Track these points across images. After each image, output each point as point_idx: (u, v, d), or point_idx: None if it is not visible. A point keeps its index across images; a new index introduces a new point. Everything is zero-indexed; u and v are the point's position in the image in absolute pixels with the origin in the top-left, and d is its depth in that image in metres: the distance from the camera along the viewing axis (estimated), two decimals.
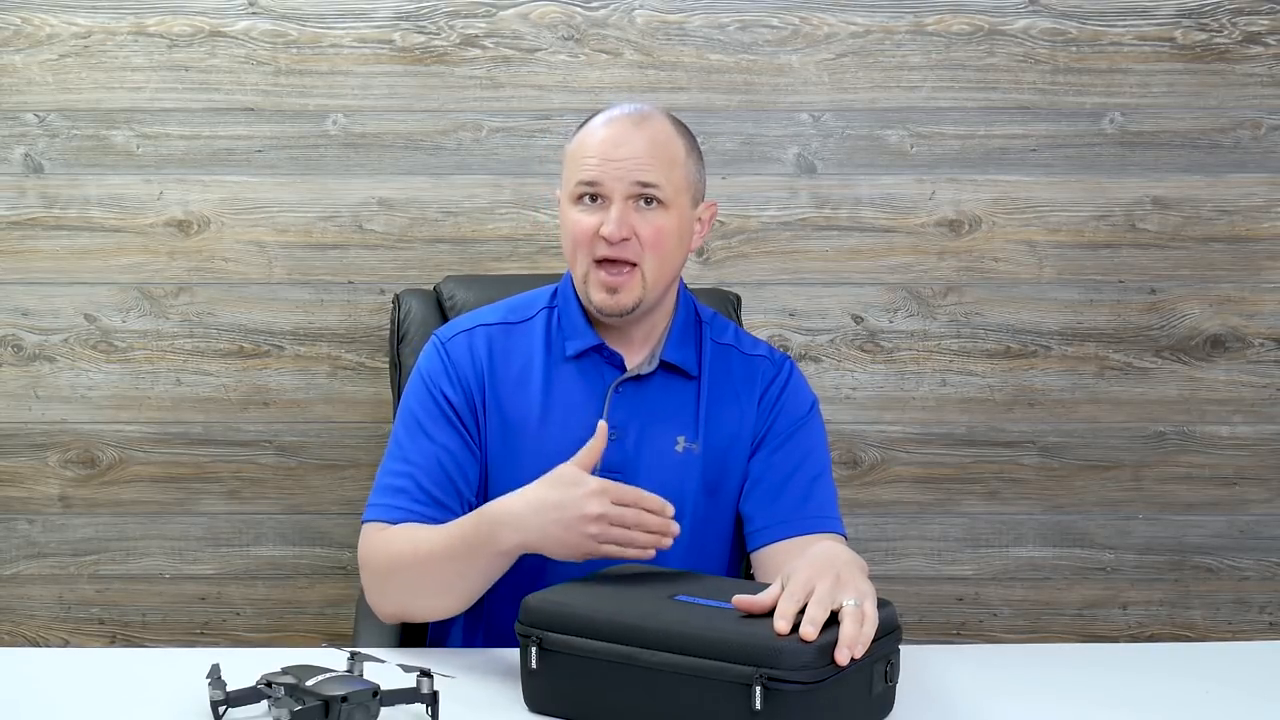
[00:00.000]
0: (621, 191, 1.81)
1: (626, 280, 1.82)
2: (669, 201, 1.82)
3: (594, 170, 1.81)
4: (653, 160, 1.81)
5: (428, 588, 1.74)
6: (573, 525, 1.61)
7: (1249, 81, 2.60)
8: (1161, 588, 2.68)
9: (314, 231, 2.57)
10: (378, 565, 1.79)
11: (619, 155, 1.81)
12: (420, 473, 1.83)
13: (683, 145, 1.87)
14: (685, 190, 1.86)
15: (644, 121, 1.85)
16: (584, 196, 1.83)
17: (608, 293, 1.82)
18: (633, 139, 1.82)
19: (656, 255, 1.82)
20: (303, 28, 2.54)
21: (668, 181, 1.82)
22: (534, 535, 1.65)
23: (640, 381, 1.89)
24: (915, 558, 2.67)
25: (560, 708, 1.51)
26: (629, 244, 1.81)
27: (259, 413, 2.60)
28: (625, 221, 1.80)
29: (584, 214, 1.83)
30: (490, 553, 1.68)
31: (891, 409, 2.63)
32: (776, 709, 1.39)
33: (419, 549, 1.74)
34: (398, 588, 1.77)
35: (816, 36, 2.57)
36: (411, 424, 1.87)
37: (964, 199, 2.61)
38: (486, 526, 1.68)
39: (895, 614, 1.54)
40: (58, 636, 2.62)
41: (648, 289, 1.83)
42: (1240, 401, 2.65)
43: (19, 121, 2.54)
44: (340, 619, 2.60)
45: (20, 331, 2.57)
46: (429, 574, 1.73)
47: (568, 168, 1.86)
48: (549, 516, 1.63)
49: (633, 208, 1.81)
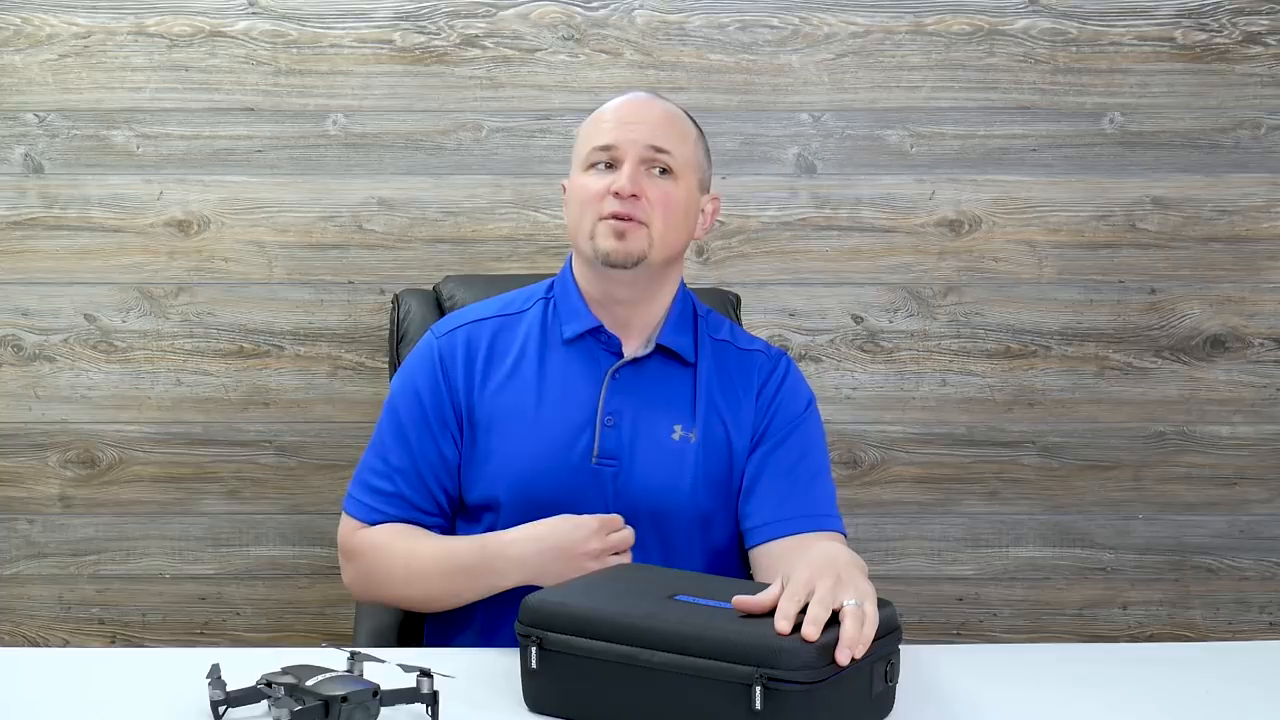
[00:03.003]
0: (635, 155, 1.84)
1: (634, 229, 1.83)
2: (679, 171, 1.86)
3: (609, 134, 1.85)
4: (667, 129, 1.87)
5: (415, 596, 1.86)
6: (574, 562, 1.73)
7: (1249, 81, 2.60)
8: (1161, 588, 2.68)
9: (314, 231, 2.57)
10: (364, 564, 1.88)
11: (634, 119, 1.86)
12: (399, 478, 1.89)
13: (693, 129, 1.92)
14: (693, 169, 1.89)
15: (658, 99, 1.92)
16: (598, 164, 1.85)
17: (616, 238, 1.83)
18: (648, 109, 1.89)
19: (664, 219, 1.84)
20: (303, 28, 2.54)
21: (679, 151, 1.86)
22: (532, 573, 1.75)
23: (637, 367, 1.89)
24: (915, 558, 2.67)
25: (560, 708, 1.50)
26: (639, 203, 1.83)
27: (259, 413, 2.60)
28: (637, 180, 1.83)
29: (596, 178, 1.85)
30: (488, 585, 1.79)
31: (891, 409, 2.63)
32: (776, 709, 1.39)
33: (411, 563, 1.84)
34: (386, 588, 1.87)
35: (816, 36, 2.57)
36: (395, 424, 1.91)
37: (964, 199, 2.61)
38: (489, 562, 1.78)
39: (895, 614, 1.54)
40: (58, 636, 2.62)
41: (654, 246, 1.84)
42: (1240, 401, 2.65)
43: (19, 121, 2.54)
44: (340, 619, 2.60)
45: (20, 331, 2.57)
46: (421, 585, 1.83)
47: (581, 141, 1.89)
48: (550, 558, 1.75)
49: (644, 172, 1.84)
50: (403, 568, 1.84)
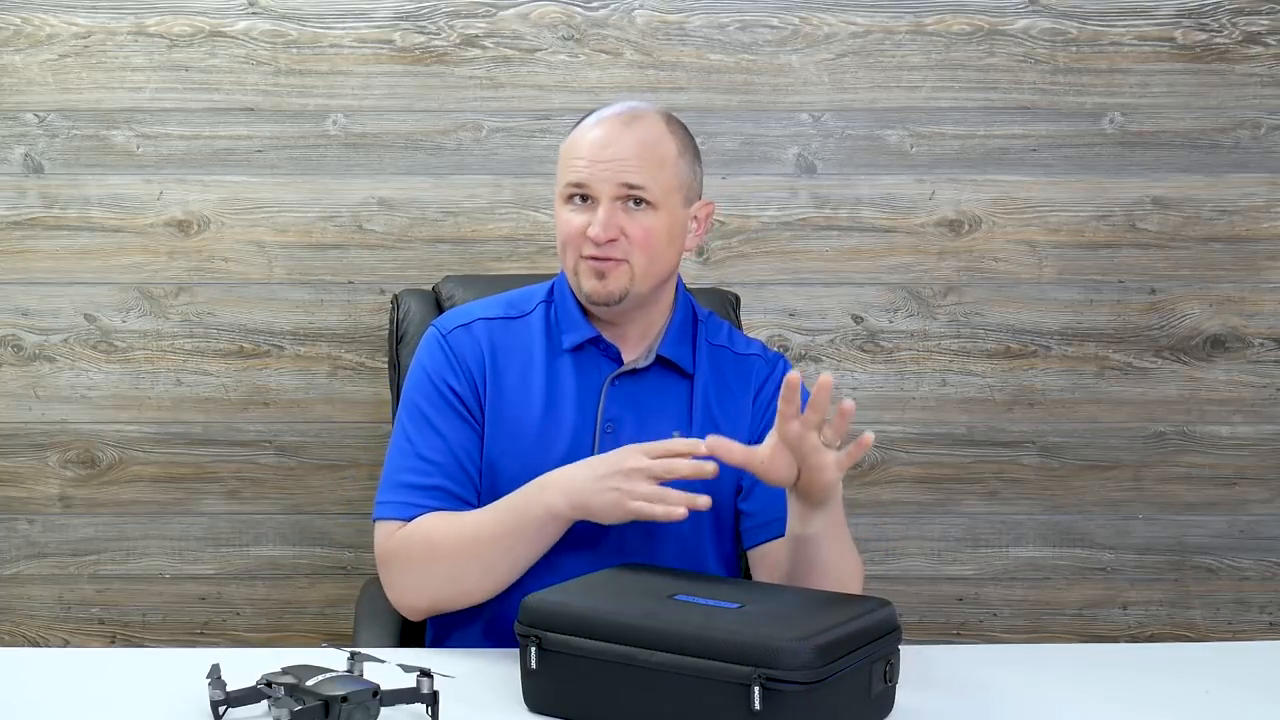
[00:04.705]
0: (609, 193, 1.81)
1: (614, 268, 1.83)
2: (657, 202, 1.83)
3: (582, 172, 1.83)
4: (640, 161, 1.82)
5: (473, 569, 1.77)
6: (609, 479, 1.69)
7: (1249, 81, 2.60)
8: (1161, 588, 2.68)
9: (314, 231, 2.57)
10: (412, 556, 1.80)
11: (605, 156, 1.82)
12: (434, 469, 1.84)
13: (674, 144, 1.86)
14: (676, 190, 1.86)
15: (634, 121, 1.85)
16: (574, 197, 1.84)
17: (596, 278, 1.83)
18: (620, 140, 1.83)
19: (645, 254, 1.83)
20: (303, 28, 2.54)
21: (655, 183, 1.82)
22: (576, 494, 1.71)
23: (636, 376, 1.89)
24: (915, 558, 2.67)
25: (560, 708, 1.51)
26: (616, 244, 1.82)
27: (259, 413, 2.60)
28: (612, 223, 1.81)
29: (574, 214, 1.84)
30: (539, 517, 1.74)
31: (891, 409, 2.63)
32: (776, 709, 1.39)
33: (464, 531, 1.78)
34: (439, 575, 1.79)
35: (816, 36, 2.57)
36: (418, 418, 1.87)
37: (964, 199, 2.61)
38: (536, 490, 1.75)
39: (895, 614, 1.54)
40: (58, 636, 2.62)
41: (635, 281, 1.84)
42: (1240, 401, 2.65)
43: (19, 121, 2.54)
44: (340, 619, 2.60)
45: (20, 331, 2.57)
46: (477, 554, 1.77)
47: (560, 167, 1.88)
48: (591, 473, 1.71)
49: (621, 208, 1.82)
50: (455, 537, 1.77)
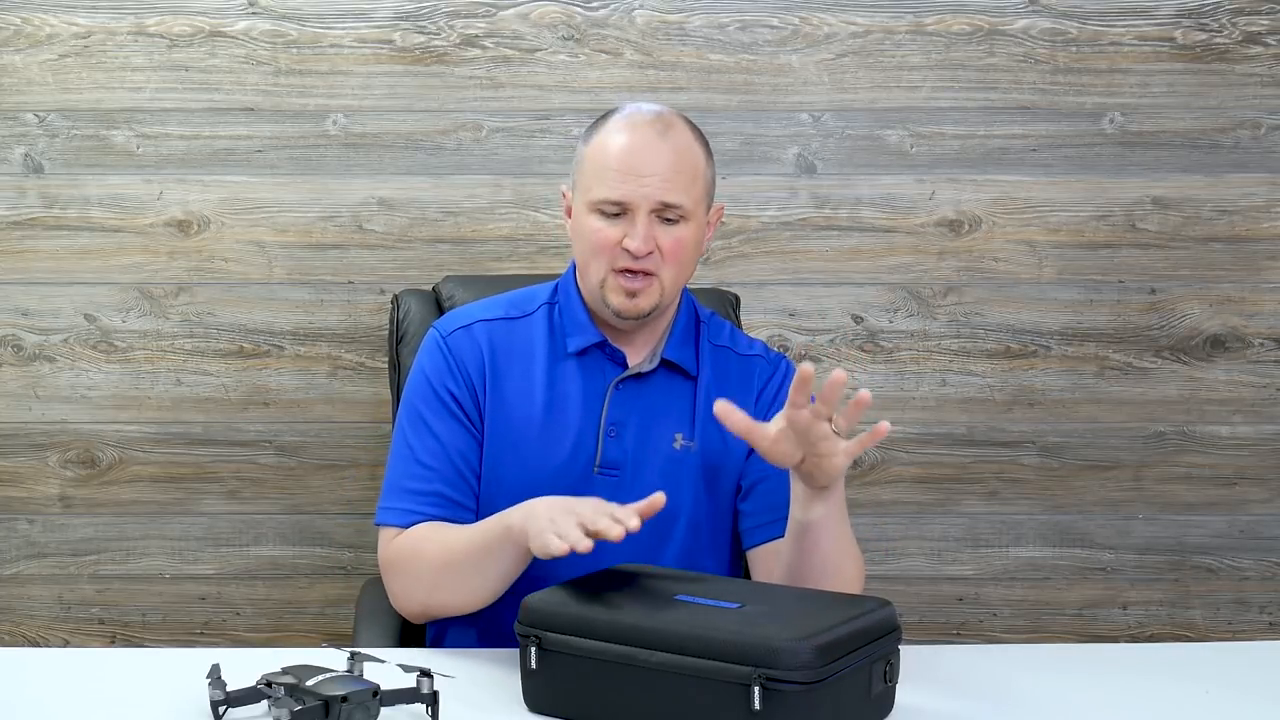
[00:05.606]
0: (646, 208, 1.81)
1: (645, 286, 1.83)
2: (689, 215, 1.83)
3: (618, 189, 1.80)
4: (677, 177, 1.81)
5: (449, 582, 1.78)
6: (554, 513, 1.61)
7: (1249, 81, 2.60)
8: (1161, 588, 2.68)
9: (314, 231, 2.57)
10: (405, 565, 1.82)
11: (643, 172, 1.80)
12: (433, 475, 1.85)
13: (702, 154, 1.87)
14: (703, 199, 1.87)
15: (667, 132, 1.83)
16: (605, 210, 1.82)
17: (627, 297, 1.83)
18: (658, 155, 1.81)
19: (675, 266, 1.84)
20: (303, 28, 2.54)
21: (689, 197, 1.83)
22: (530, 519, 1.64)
23: (641, 379, 1.90)
24: (915, 558, 2.67)
25: (560, 708, 1.51)
26: (650, 256, 1.82)
27: (259, 413, 2.60)
28: (650, 237, 1.81)
29: (605, 224, 1.82)
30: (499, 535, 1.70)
31: (891, 409, 2.63)
32: (775, 709, 1.39)
33: (447, 544, 1.78)
34: (423, 586, 1.80)
35: (816, 36, 2.57)
36: (418, 423, 1.88)
37: (964, 199, 2.61)
38: (512, 510, 1.70)
39: (895, 614, 1.54)
40: (58, 636, 2.62)
41: (665, 295, 1.85)
42: (1240, 401, 2.65)
43: (19, 121, 2.54)
44: (340, 619, 2.60)
45: (20, 331, 2.57)
46: (454, 569, 1.77)
47: (586, 174, 1.85)
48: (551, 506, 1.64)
49: (655, 220, 1.81)
50: (436, 553, 1.78)
